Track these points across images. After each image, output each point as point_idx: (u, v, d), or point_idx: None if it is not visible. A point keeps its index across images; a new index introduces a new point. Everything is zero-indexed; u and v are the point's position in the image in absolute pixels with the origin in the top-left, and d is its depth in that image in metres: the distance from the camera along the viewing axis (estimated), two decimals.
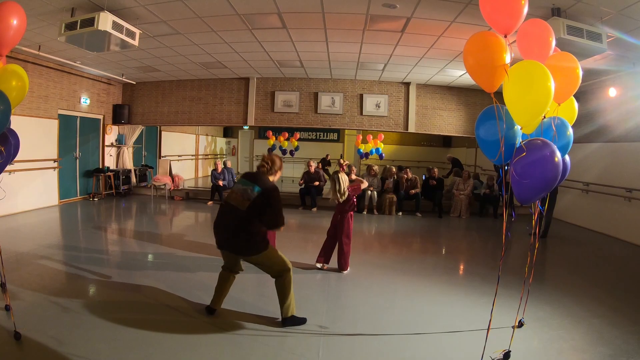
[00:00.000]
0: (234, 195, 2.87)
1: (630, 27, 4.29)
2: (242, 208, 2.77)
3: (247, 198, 2.77)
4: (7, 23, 2.58)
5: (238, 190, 2.86)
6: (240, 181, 2.94)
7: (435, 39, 5.48)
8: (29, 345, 2.47)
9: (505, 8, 2.29)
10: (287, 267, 2.94)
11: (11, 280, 3.42)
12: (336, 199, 4.16)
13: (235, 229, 2.79)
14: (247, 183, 2.84)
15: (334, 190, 4.14)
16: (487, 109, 2.50)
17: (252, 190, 2.78)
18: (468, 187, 8.44)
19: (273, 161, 2.98)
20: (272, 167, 2.97)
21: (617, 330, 3.03)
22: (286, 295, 2.92)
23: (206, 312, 3.08)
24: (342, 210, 4.22)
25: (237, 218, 2.78)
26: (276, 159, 3.01)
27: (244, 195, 2.79)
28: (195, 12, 4.82)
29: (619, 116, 6.54)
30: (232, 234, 2.81)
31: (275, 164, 2.99)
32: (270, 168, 2.96)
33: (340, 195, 4.12)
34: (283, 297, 2.92)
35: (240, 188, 2.85)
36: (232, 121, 9.34)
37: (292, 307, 2.96)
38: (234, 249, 2.88)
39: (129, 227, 6.48)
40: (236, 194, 2.85)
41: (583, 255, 5.69)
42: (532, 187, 2.34)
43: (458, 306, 3.47)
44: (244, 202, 2.77)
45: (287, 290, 2.92)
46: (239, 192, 2.84)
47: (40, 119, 7.17)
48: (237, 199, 2.82)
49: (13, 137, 2.75)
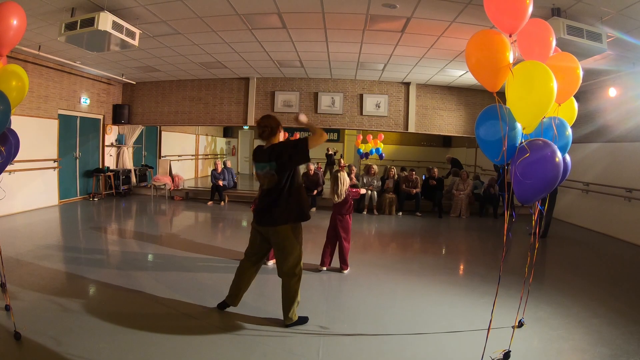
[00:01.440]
0: (263, 180, 2.87)
1: (630, 27, 4.29)
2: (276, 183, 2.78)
3: (272, 174, 2.78)
4: (7, 23, 2.58)
5: (262, 175, 2.87)
6: (257, 167, 2.91)
7: (435, 39, 5.48)
8: (28, 345, 2.47)
9: (510, 7, 2.28)
10: (299, 268, 2.90)
11: (11, 280, 3.42)
12: (332, 199, 4.16)
13: (276, 199, 2.77)
14: (263, 166, 2.85)
15: (332, 190, 4.14)
16: (487, 109, 2.49)
17: (271, 168, 2.79)
18: (468, 187, 8.44)
19: (270, 124, 2.86)
20: (272, 129, 2.86)
21: (617, 330, 3.03)
22: (293, 300, 2.88)
23: (218, 307, 3.10)
24: (340, 212, 4.20)
25: (278, 191, 2.77)
26: (272, 121, 2.88)
27: (269, 174, 2.80)
28: (195, 12, 4.82)
29: (619, 116, 6.54)
30: (273, 204, 2.78)
31: (272, 124, 2.86)
32: (272, 130, 2.86)
33: (337, 196, 4.11)
34: (289, 303, 2.87)
35: (262, 173, 2.86)
36: (232, 121, 9.34)
37: (295, 313, 2.93)
38: (269, 218, 2.80)
39: (128, 227, 6.48)
40: (264, 178, 2.85)
41: (583, 255, 5.69)
42: (533, 187, 2.34)
43: (458, 306, 3.47)
44: (273, 178, 2.78)
45: (294, 296, 2.88)
46: (264, 176, 2.85)
47: (40, 119, 7.17)
48: (268, 181, 2.82)
49: (13, 137, 2.75)
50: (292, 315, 2.90)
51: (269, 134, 2.87)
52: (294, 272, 2.87)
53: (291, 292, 2.87)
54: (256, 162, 2.93)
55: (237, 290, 3.06)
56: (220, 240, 5.78)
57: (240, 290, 3.07)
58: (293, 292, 2.87)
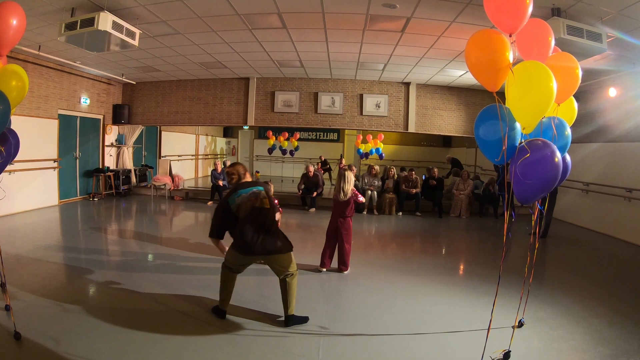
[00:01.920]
0: (250, 203, 2.87)
1: (630, 27, 4.29)
2: (267, 206, 2.90)
3: (262, 197, 2.91)
4: (7, 23, 2.58)
5: (249, 196, 2.90)
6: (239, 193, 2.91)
7: (435, 39, 5.48)
8: (28, 345, 2.47)
9: (510, 7, 2.28)
10: (296, 268, 3.04)
11: (11, 280, 3.42)
12: (337, 197, 4.16)
13: (267, 229, 2.87)
14: (247, 190, 2.93)
15: (338, 187, 4.14)
16: (486, 109, 2.48)
17: (259, 190, 2.94)
18: (468, 187, 8.44)
19: (237, 170, 3.05)
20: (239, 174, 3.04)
21: (617, 330, 3.03)
22: (293, 295, 2.98)
23: (215, 314, 3.05)
24: (342, 213, 4.19)
25: (266, 217, 2.88)
26: (239, 167, 3.07)
27: (258, 196, 2.91)
28: (195, 12, 4.82)
29: (619, 116, 6.54)
30: (266, 234, 2.86)
31: (239, 170, 3.05)
32: (239, 176, 3.03)
33: (343, 194, 4.12)
34: (291, 298, 2.97)
35: (248, 194, 2.90)
36: (232, 121, 9.34)
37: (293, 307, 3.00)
38: (270, 249, 2.88)
39: (128, 228, 6.48)
40: (251, 200, 2.89)
41: (583, 255, 5.69)
42: (532, 187, 2.33)
43: (458, 306, 3.47)
44: (264, 201, 2.91)
45: (294, 291, 2.99)
46: (252, 196, 2.90)
47: (40, 119, 7.17)
48: (255, 201, 2.89)
49: (13, 137, 2.75)
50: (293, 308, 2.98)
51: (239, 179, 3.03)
52: (295, 270, 3.03)
53: (294, 285, 2.98)
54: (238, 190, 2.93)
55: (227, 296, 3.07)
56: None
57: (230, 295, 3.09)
58: (295, 285, 3.00)
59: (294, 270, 3.01)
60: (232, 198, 2.91)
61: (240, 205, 2.88)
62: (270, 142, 13.12)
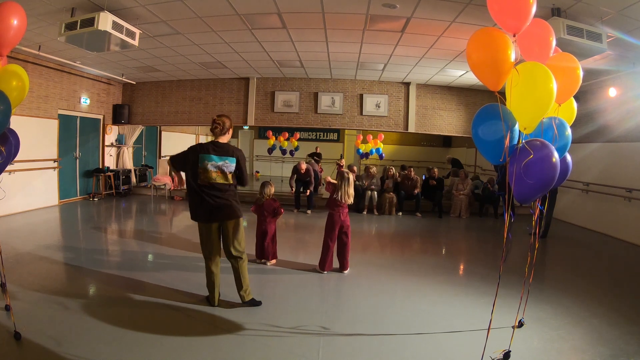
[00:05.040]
0: (212, 175, 3.00)
1: (630, 27, 4.29)
2: (228, 182, 3.04)
3: (229, 171, 3.03)
4: (7, 23, 2.58)
5: (213, 167, 3.00)
6: (207, 157, 2.99)
7: (435, 39, 5.48)
8: (29, 345, 2.47)
9: (514, 7, 2.26)
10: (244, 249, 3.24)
11: (11, 280, 3.42)
12: (345, 200, 4.13)
13: (225, 200, 3.04)
14: (219, 158, 3.01)
15: (344, 191, 4.10)
16: (483, 108, 2.47)
17: (230, 163, 3.03)
18: (467, 187, 8.44)
19: (223, 122, 3.12)
20: (224, 127, 3.12)
21: (617, 330, 3.03)
22: (246, 277, 3.22)
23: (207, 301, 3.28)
24: (343, 214, 4.17)
25: (225, 191, 3.04)
26: (226, 120, 3.15)
27: (224, 170, 3.02)
28: (195, 12, 4.82)
29: (619, 116, 6.54)
30: (223, 204, 3.03)
31: (226, 124, 3.13)
32: (222, 128, 3.11)
33: (348, 196, 4.11)
34: (244, 279, 3.20)
35: (215, 165, 3.00)
36: (232, 121, 9.31)
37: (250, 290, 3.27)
38: (223, 214, 3.05)
39: (129, 227, 6.48)
40: (214, 172, 3.00)
41: (583, 255, 5.69)
42: (531, 187, 2.33)
43: (458, 306, 3.47)
44: (227, 176, 3.03)
45: (246, 272, 3.22)
46: (217, 169, 3.00)
47: (40, 119, 7.17)
48: (218, 176, 3.01)
49: (13, 137, 2.75)
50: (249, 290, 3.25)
51: (220, 130, 3.10)
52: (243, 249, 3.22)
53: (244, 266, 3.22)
54: (208, 154, 3.00)
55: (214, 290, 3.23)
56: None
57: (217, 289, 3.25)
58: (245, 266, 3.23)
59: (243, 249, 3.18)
60: (203, 157, 2.99)
61: (205, 171, 3.00)
62: (270, 142, 13.11)
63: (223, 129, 3.11)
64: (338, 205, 4.14)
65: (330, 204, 4.18)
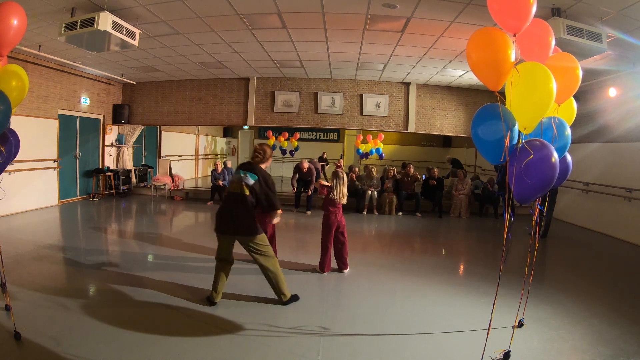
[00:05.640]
0: (234, 185, 3.21)
1: (630, 27, 4.29)
2: (246, 192, 3.14)
3: (246, 184, 3.14)
4: (7, 23, 2.58)
5: (236, 179, 3.22)
6: (237, 171, 3.27)
7: (435, 39, 5.48)
8: (29, 345, 2.47)
9: (514, 7, 2.26)
10: (273, 254, 3.29)
11: (11, 280, 3.43)
12: (340, 200, 4.14)
13: (238, 212, 3.12)
14: (244, 172, 3.20)
15: (339, 190, 4.12)
16: (482, 108, 2.47)
17: (249, 178, 3.16)
18: (466, 186, 8.44)
19: (264, 151, 3.35)
20: (264, 156, 3.33)
21: (617, 330, 3.03)
22: (279, 279, 3.24)
23: (207, 301, 3.28)
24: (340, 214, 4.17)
25: (240, 202, 3.13)
26: (267, 149, 3.38)
27: (242, 182, 3.15)
28: (195, 12, 4.82)
29: (619, 116, 6.54)
30: (235, 217, 3.12)
31: (267, 153, 3.35)
32: (263, 157, 3.32)
33: (343, 196, 4.11)
34: (278, 282, 3.24)
35: (238, 177, 3.21)
36: (232, 121, 9.34)
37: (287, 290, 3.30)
38: (235, 229, 3.13)
39: (128, 228, 6.48)
40: (236, 183, 3.19)
41: (583, 255, 5.69)
42: (530, 187, 2.33)
43: (458, 306, 3.47)
44: (244, 188, 3.14)
45: (279, 275, 3.25)
46: (238, 180, 3.19)
47: (40, 119, 7.17)
48: (237, 186, 3.17)
49: (13, 137, 2.75)
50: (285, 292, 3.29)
51: (260, 159, 3.31)
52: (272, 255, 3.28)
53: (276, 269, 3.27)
54: (239, 168, 3.29)
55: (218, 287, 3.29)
56: None
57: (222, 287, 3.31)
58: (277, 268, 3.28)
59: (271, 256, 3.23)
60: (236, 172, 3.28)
61: (231, 184, 3.27)
62: (271, 142, 13.11)
63: (264, 158, 3.32)
64: (334, 206, 4.14)
65: (325, 204, 4.19)
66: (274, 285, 3.26)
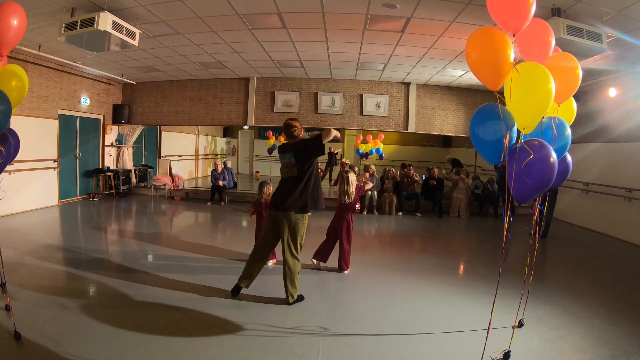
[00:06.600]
0: (286, 170, 3.35)
1: (630, 27, 4.29)
2: (295, 174, 3.24)
3: (292, 165, 3.27)
4: (7, 23, 2.58)
5: (284, 165, 3.37)
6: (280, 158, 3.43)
7: (435, 39, 5.48)
8: (28, 345, 2.47)
9: (513, 7, 2.26)
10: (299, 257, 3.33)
11: (11, 280, 3.42)
12: (342, 200, 4.15)
13: (292, 189, 3.23)
14: (283, 157, 3.37)
15: (343, 190, 4.14)
16: (481, 108, 2.46)
17: (290, 158, 3.29)
18: (466, 184, 8.43)
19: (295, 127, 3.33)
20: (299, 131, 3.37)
21: (617, 330, 3.03)
22: (294, 279, 3.28)
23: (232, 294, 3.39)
24: (344, 211, 4.20)
25: (294, 182, 3.24)
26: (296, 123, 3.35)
27: (289, 165, 3.30)
28: (195, 12, 4.82)
29: (619, 116, 6.54)
30: (289, 193, 3.22)
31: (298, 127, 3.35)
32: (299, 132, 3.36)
33: (348, 197, 4.12)
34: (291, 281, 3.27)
35: (284, 162, 3.36)
36: (232, 121, 9.34)
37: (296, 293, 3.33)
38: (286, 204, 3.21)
39: (129, 228, 6.48)
40: (287, 168, 3.34)
41: (583, 255, 5.69)
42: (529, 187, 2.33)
43: (458, 306, 3.47)
44: (293, 169, 3.26)
45: (295, 275, 3.28)
46: (285, 165, 3.35)
47: (40, 119, 7.17)
48: (288, 171, 3.32)
49: (13, 137, 2.75)
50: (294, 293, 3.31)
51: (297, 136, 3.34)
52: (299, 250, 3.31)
53: (295, 268, 3.29)
54: (280, 154, 3.43)
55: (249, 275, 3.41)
56: (220, 241, 5.77)
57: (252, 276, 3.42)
58: (296, 268, 3.30)
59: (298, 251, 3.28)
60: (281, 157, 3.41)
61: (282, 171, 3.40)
62: (271, 142, 13.10)
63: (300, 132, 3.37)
64: (348, 209, 4.20)
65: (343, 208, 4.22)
66: (286, 283, 3.29)
